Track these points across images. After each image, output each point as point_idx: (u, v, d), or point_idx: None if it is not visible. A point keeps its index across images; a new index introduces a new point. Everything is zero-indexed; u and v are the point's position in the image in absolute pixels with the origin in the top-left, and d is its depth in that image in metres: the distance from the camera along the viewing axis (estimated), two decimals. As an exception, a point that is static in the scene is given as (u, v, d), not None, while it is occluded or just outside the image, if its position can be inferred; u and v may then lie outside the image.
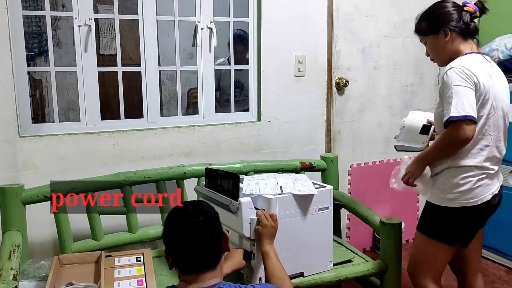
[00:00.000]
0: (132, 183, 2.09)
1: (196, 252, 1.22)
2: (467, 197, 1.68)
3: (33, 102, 3.72)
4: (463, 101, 1.56)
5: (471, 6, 1.74)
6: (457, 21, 1.73)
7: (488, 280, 2.79)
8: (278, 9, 2.68)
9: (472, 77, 1.61)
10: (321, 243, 1.88)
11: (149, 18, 2.44)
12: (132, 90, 3.02)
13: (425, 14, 1.83)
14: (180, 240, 1.23)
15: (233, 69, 2.72)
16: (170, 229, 1.26)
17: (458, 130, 1.57)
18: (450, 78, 1.61)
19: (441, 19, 1.75)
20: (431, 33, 1.78)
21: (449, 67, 1.64)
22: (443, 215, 1.73)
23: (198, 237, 1.22)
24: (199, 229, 1.23)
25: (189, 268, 1.24)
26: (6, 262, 1.60)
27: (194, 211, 1.26)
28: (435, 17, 1.78)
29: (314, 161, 2.47)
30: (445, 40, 1.75)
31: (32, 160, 2.22)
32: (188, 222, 1.24)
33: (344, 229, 3.07)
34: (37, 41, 3.92)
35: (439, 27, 1.75)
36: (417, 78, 3.17)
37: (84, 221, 2.04)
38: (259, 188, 1.83)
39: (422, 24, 1.82)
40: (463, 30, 1.73)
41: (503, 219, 2.91)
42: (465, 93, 1.58)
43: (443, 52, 1.78)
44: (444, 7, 1.77)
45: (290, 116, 2.79)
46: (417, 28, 1.86)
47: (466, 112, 1.55)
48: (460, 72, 1.61)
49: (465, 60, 1.67)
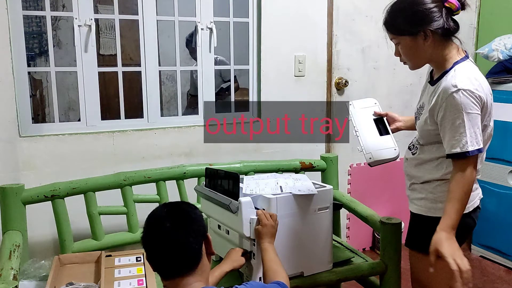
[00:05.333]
0: (132, 183, 2.09)
1: (168, 256, 1.18)
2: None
3: (33, 102, 3.72)
4: (476, 132, 1.42)
5: (453, 1, 1.46)
6: (438, 21, 1.45)
7: (488, 280, 2.79)
8: (278, 9, 2.68)
9: (481, 99, 1.44)
10: (321, 243, 1.87)
11: (149, 18, 2.44)
12: (132, 90, 3.02)
13: (399, 8, 1.51)
14: (152, 244, 1.21)
15: (233, 69, 2.72)
16: (144, 233, 1.23)
17: (474, 164, 1.44)
18: (462, 102, 1.40)
19: (420, 18, 1.46)
20: (408, 34, 1.50)
21: (455, 88, 1.41)
22: (436, 226, 1.50)
23: (167, 241, 1.18)
24: (167, 233, 1.18)
25: (166, 273, 1.21)
26: (6, 262, 1.60)
27: (166, 215, 1.22)
28: (413, 14, 1.47)
29: (314, 161, 2.47)
30: (424, 43, 1.48)
31: (32, 160, 2.22)
32: (158, 226, 1.20)
33: (344, 229, 3.07)
34: (37, 41, 3.92)
35: (418, 28, 1.47)
36: (417, 78, 3.16)
37: (84, 221, 2.04)
38: (259, 188, 1.83)
39: (396, 21, 1.52)
40: (446, 31, 1.47)
41: (503, 219, 2.91)
42: (477, 121, 1.43)
43: (420, 56, 1.54)
44: (423, 2, 1.46)
45: (290, 116, 2.79)
46: (388, 25, 1.54)
47: (479, 145, 1.43)
48: (471, 96, 1.41)
49: (469, 76, 1.44)
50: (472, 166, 1.45)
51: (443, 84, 1.47)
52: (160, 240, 1.18)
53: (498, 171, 2.91)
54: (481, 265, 2.98)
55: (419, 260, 1.64)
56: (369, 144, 1.77)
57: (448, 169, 1.53)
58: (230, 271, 1.64)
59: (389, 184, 3.13)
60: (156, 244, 1.19)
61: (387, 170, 3.10)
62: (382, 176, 3.11)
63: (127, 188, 2.08)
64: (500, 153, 2.90)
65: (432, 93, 1.55)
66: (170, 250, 1.18)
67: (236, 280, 1.80)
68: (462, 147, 1.42)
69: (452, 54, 1.51)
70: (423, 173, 1.61)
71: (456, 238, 1.47)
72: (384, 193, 3.11)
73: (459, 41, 1.54)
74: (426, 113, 1.57)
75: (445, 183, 1.55)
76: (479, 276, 2.84)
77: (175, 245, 1.18)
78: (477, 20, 3.35)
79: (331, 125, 2.93)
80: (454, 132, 1.43)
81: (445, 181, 1.55)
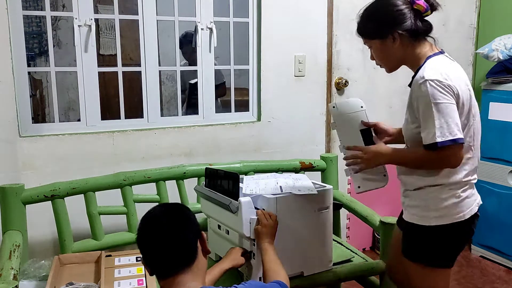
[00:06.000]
0: (132, 183, 2.09)
1: (163, 251, 1.19)
2: (454, 211, 1.50)
3: (33, 102, 3.72)
4: (448, 122, 1.38)
5: (421, 3, 1.47)
6: (406, 23, 1.48)
7: (488, 280, 2.79)
8: (278, 9, 2.68)
9: (452, 88, 1.41)
10: (321, 243, 1.87)
11: (149, 18, 2.44)
12: (132, 90, 3.02)
13: (369, 12, 1.56)
14: (147, 241, 1.22)
15: (233, 69, 2.72)
16: (139, 232, 1.25)
17: (448, 156, 1.42)
18: (428, 93, 1.40)
19: (388, 21, 1.50)
20: (377, 37, 1.53)
21: (423, 79, 1.42)
22: (430, 235, 1.52)
23: (162, 235, 1.19)
24: (162, 228, 1.20)
25: (161, 272, 1.21)
26: (6, 262, 1.60)
27: (161, 213, 1.24)
28: (381, 18, 1.52)
29: (314, 161, 2.47)
30: (393, 46, 1.51)
31: (32, 160, 2.22)
32: (153, 223, 1.22)
33: (344, 229, 3.07)
34: (37, 41, 3.92)
35: (386, 31, 1.50)
36: (417, 78, 3.17)
37: (84, 221, 2.04)
38: (259, 187, 1.83)
39: (366, 26, 1.57)
40: (414, 32, 1.49)
41: (503, 219, 2.91)
42: (449, 111, 1.39)
43: (392, 58, 1.56)
44: (390, 4, 1.49)
45: (290, 116, 2.80)
46: (360, 30, 1.59)
47: (454, 135, 1.38)
48: (439, 86, 1.39)
49: (438, 67, 1.45)
50: (448, 157, 1.42)
51: (415, 81, 1.48)
52: (156, 235, 1.20)
53: (498, 171, 2.91)
54: (481, 265, 2.98)
55: (413, 269, 1.59)
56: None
57: (441, 173, 1.50)
58: (229, 269, 1.64)
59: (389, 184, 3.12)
60: (152, 240, 1.20)
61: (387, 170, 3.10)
62: (382, 176, 3.11)
63: (127, 188, 2.08)
64: (500, 153, 2.90)
65: (410, 95, 1.54)
66: (166, 244, 1.19)
67: (236, 280, 1.80)
68: (431, 138, 1.41)
69: (424, 52, 1.52)
70: (415, 179, 1.56)
71: (452, 246, 1.54)
72: (384, 193, 3.09)
73: (433, 40, 1.55)
74: (407, 114, 1.56)
75: (439, 189, 1.51)
76: (479, 276, 2.84)
77: (170, 239, 1.19)
78: (477, 20, 3.35)
79: (330, 125, 2.93)
80: (426, 123, 1.43)
81: (439, 186, 1.51)
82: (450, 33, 3.25)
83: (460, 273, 2.84)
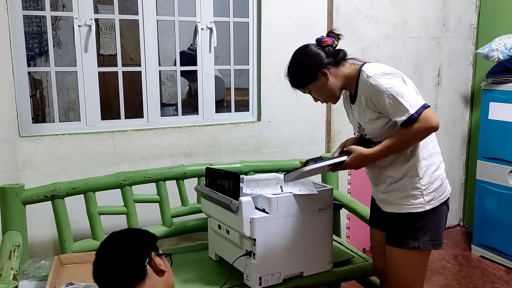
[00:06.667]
0: (132, 183, 2.09)
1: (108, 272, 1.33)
2: (439, 194, 1.66)
3: (34, 102, 3.72)
4: (410, 95, 1.54)
5: (327, 39, 1.71)
6: (324, 59, 1.68)
7: (488, 280, 2.79)
8: (278, 9, 2.68)
9: (394, 72, 1.60)
10: (321, 243, 1.88)
11: (149, 18, 2.44)
12: (132, 90, 3.02)
13: (293, 66, 1.74)
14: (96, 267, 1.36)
15: (233, 69, 2.72)
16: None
17: (426, 120, 1.52)
18: (380, 85, 1.56)
19: (310, 65, 1.69)
20: (311, 82, 1.70)
21: (368, 78, 1.59)
22: (426, 220, 1.65)
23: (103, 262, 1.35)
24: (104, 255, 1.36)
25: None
26: (6, 262, 1.60)
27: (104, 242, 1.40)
28: (304, 66, 1.71)
29: (314, 161, 2.47)
30: (327, 80, 1.68)
31: (32, 160, 2.22)
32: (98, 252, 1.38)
33: (344, 229, 3.07)
34: (37, 41, 3.92)
35: (314, 73, 1.68)
36: (417, 78, 3.16)
37: (84, 221, 2.04)
38: (260, 187, 1.83)
39: (296, 78, 1.74)
40: (335, 61, 1.69)
41: (503, 219, 2.91)
42: (404, 88, 1.55)
43: (332, 91, 1.71)
44: (306, 52, 1.71)
45: (290, 116, 2.79)
46: (294, 83, 1.76)
47: (420, 102, 1.53)
48: (384, 75, 1.58)
49: (374, 67, 1.64)
50: (428, 121, 1.52)
51: (361, 86, 1.64)
52: (101, 260, 1.35)
53: (498, 171, 2.91)
54: (481, 265, 2.98)
55: (413, 257, 1.69)
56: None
57: (424, 149, 1.64)
58: None
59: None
60: (99, 264, 1.34)
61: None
62: (382, 176, 3.11)
63: (127, 188, 2.08)
64: (500, 153, 2.90)
65: (359, 102, 1.68)
66: (108, 268, 1.32)
67: (236, 280, 1.80)
68: (406, 115, 1.52)
69: (353, 68, 1.70)
70: (398, 168, 1.66)
71: (435, 224, 1.66)
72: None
73: (353, 59, 1.75)
74: (366, 117, 1.67)
75: (420, 168, 1.63)
76: (479, 276, 2.84)
77: (112, 263, 1.33)
78: (477, 20, 3.35)
79: (330, 125, 2.94)
80: (393, 108, 1.55)
81: (417, 167, 1.63)
82: (450, 33, 3.26)
83: (460, 273, 2.84)
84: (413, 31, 3.12)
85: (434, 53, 3.22)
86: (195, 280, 1.86)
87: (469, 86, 3.43)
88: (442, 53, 3.25)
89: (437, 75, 3.26)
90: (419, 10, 3.12)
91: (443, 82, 3.29)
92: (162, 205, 2.17)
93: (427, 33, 3.17)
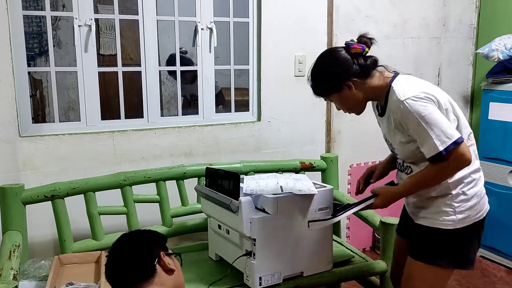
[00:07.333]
0: (132, 183, 2.09)
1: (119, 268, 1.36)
2: (474, 212, 1.55)
3: (34, 102, 3.72)
4: (442, 128, 1.42)
5: (356, 46, 1.56)
6: (352, 69, 1.55)
7: (488, 280, 2.79)
8: (278, 9, 2.68)
9: (429, 97, 1.46)
10: (321, 243, 1.87)
11: (149, 18, 2.44)
12: (132, 90, 3.02)
13: (316, 73, 1.64)
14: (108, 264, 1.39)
15: (233, 69, 2.72)
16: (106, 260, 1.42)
17: (457, 158, 1.43)
18: (412, 111, 1.44)
19: (336, 75, 1.56)
20: (334, 92, 1.60)
21: (400, 101, 1.47)
22: (455, 238, 1.55)
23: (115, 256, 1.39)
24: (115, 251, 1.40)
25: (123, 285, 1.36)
26: (6, 262, 1.60)
27: (116, 242, 1.42)
28: (329, 74, 1.59)
29: (314, 161, 2.47)
30: (351, 92, 1.57)
31: (32, 160, 2.22)
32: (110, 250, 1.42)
33: (344, 229, 3.07)
34: (37, 41, 3.92)
35: (339, 84, 1.57)
36: (417, 78, 3.16)
37: (84, 221, 2.04)
38: (260, 187, 1.83)
39: (319, 86, 1.64)
40: (364, 73, 1.56)
41: (503, 219, 2.91)
42: (437, 118, 1.43)
43: (356, 102, 1.61)
44: (332, 58, 1.59)
45: (290, 116, 2.79)
46: (316, 91, 1.66)
47: (452, 137, 1.42)
48: (417, 100, 1.45)
49: (407, 86, 1.51)
50: (457, 159, 1.44)
51: (392, 106, 1.53)
52: (111, 259, 1.38)
53: (498, 171, 2.91)
54: (481, 266, 2.98)
55: (436, 274, 1.60)
56: None
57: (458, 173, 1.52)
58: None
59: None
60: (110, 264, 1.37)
61: (387, 170, 3.09)
62: (382, 176, 3.11)
63: (127, 188, 2.08)
64: (500, 153, 2.90)
65: (388, 120, 1.59)
66: (119, 265, 1.36)
67: (236, 280, 1.80)
68: (434, 150, 1.44)
69: (382, 81, 1.58)
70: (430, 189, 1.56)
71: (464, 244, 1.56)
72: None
73: (383, 67, 1.61)
74: (396, 139, 1.59)
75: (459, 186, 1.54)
76: (480, 277, 2.83)
77: (123, 260, 1.36)
78: (477, 20, 3.35)
79: (330, 125, 2.94)
80: (422, 139, 1.46)
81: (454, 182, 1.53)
82: (450, 33, 3.26)
83: (460, 274, 2.84)
84: (413, 31, 3.12)
85: (434, 53, 3.22)
86: (195, 280, 1.86)
87: (469, 86, 3.43)
88: (442, 53, 3.25)
89: (437, 75, 3.26)
90: (419, 10, 3.12)
91: (443, 82, 3.29)
92: (162, 205, 2.17)
93: (427, 33, 3.17)
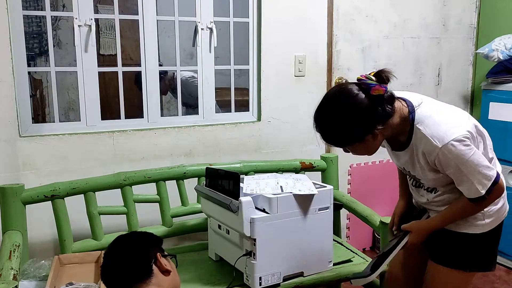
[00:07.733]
0: (132, 183, 2.09)
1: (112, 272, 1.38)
2: (500, 214, 1.55)
3: (34, 102, 3.72)
4: (482, 171, 1.38)
5: (378, 88, 1.36)
6: (378, 117, 1.37)
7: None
8: (278, 9, 2.68)
9: (467, 136, 1.37)
10: (321, 243, 1.88)
11: (149, 18, 2.44)
12: (132, 90, 3.02)
13: (335, 122, 1.40)
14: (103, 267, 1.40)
15: (233, 69, 2.72)
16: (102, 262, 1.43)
17: (495, 193, 1.42)
18: (453, 156, 1.36)
19: (360, 126, 1.37)
20: (355, 142, 1.42)
21: (438, 148, 1.36)
22: (483, 242, 1.55)
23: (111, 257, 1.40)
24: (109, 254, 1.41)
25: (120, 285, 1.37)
26: (6, 262, 1.60)
27: (112, 245, 1.44)
28: (351, 125, 1.37)
29: (314, 161, 2.47)
30: (374, 140, 1.41)
31: (33, 160, 2.22)
32: (105, 252, 1.44)
33: (344, 229, 3.07)
34: (37, 41, 3.92)
35: (363, 135, 1.38)
36: (417, 78, 3.16)
37: (84, 221, 2.04)
38: (260, 187, 1.83)
39: (337, 137, 1.43)
40: (387, 116, 1.39)
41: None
42: (476, 160, 1.37)
43: (376, 146, 1.46)
44: (352, 109, 1.36)
45: (290, 116, 2.79)
46: (332, 142, 1.46)
47: (491, 178, 1.39)
48: (457, 142, 1.35)
49: (434, 126, 1.39)
50: (495, 194, 1.43)
51: (420, 147, 1.42)
52: (107, 260, 1.39)
53: (498, 171, 2.91)
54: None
55: (461, 278, 1.61)
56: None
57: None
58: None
59: (389, 184, 3.13)
60: (106, 265, 1.38)
61: (387, 170, 3.10)
62: (382, 176, 3.11)
63: (127, 188, 2.08)
64: (500, 153, 2.88)
65: (411, 157, 1.49)
66: (116, 266, 1.37)
67: (236, 280, 1.80)
68: (475, 193, 1.41)
69: (400, 117, 1.43)
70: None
71: (490, 246, 1.59)
72: (384, 193, 3.10)
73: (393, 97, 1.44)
74: (425, 175, 1.50)
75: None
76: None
77: (119, 261, 1.38)
78: (477, 20, 3.35)
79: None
80: (462, 182, 1.42)
81: None
82: (450, 33, 3.26)
83: (460, 273, 2.84)
84: (413, 31, 3.12)
85: (434, 53, 3.22)
86: (195, 280, 1.86)
87: (469, 86, 3.43)
88: (442, 53, 3.25)
89: (437, 75, 3.26)
90: (419, 10, 3.12)
91: (443, 82, 3.29)
92: (162, 205, 2.17)
93: (427, 33, 3.17)
